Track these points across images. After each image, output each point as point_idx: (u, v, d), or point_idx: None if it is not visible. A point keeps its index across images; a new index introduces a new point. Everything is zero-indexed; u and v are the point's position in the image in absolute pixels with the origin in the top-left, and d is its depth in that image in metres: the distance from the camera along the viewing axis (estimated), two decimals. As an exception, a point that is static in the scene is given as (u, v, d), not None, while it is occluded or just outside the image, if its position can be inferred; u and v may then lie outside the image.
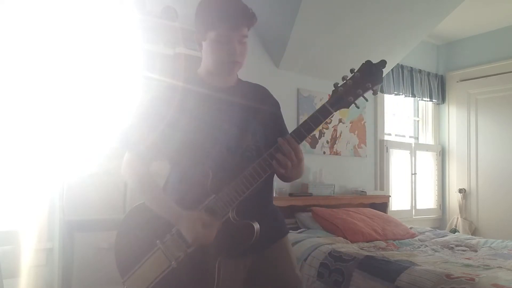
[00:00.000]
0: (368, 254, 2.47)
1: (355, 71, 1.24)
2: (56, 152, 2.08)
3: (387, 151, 4.15)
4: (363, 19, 3.15)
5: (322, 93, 3.58)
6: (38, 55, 2.18)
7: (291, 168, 1.22)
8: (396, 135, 4.48)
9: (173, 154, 1.36)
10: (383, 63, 1.25)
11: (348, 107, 1.27)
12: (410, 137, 4.67)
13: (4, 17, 2.12)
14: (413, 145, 4.48)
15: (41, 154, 2.20)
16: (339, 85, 1.25)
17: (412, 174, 4.41)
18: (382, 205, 3.80)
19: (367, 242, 2.93)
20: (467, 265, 2.30)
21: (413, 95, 4.38)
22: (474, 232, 4.28)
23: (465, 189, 4.43)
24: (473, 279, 1.91)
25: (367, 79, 1.23)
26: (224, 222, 1.23)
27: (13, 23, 2.14)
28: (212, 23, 1.26)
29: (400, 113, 4.57)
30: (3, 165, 2.15)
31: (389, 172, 4.18)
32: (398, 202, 4.26)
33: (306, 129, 1.23)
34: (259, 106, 1.38)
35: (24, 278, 2.09)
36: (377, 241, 2.96)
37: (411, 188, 4.40)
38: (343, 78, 1.25)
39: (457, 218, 4.42)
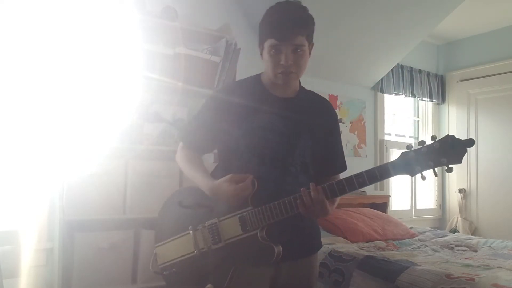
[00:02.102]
0: (368, 254, 2.47)
1: (435, 139, 1.11)
2: (56, 152, 2.08)
3: (387, 151, 4.15)
4: (363, 19, 3.15)
5: (322, 93, 3.54)
6: (38, 55, 2.18)
7: (314, 215, 1.21)
8: (396, 135, 4.48)
9: (221, 154, 1.45)
10: (470, 142, 1.10)
11: (411, 176, 1.17)
12: (410, 137, 4.67)
13: (4, 17, 2.12)
14: (413, 145, 4.47)
15: (41, 154, 2.20)
16: (412, 149, 1.14)
17: (412, 174, 4.41)
18: (382, 205, 3.79)
19: (367, 242, 2.93)
20: (467, 265, 2.30)
21: (413, 95, 4.38)
22: (474, 232, 4.28)
23: (465, 189, 4.43)
24: (473, 279, 1.91)
25: (444, 153, 1.10)
26: (251, 236, 1.25)
27: (13, 23, 2.14)
28: (265, 34, 1.30)
29: (400, 113, 4.57)
30: (3, 165, 2.15)
31: (389, 172, 4.17)
32: (398, 202, 4.26)
33: (341, 188, 1.21)
34: (313, 120, 1.37)
35: (24, 278, 2.09)
36: (377, 241, 2.96)
37: (411, 188, 4.40)
38: (420, 143, 1.14)
39: (457, 218, 4.41)
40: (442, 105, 4.73)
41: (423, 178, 1.13)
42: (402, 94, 4.27)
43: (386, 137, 4.24)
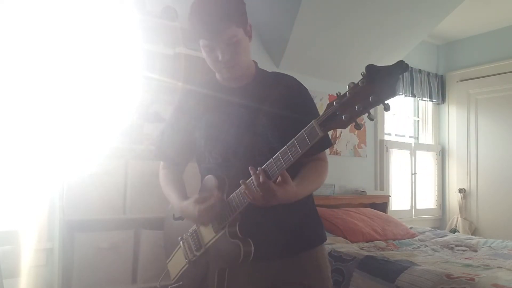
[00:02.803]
0: (368, 254, 2.47)
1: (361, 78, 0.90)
2: (56, 152, 2.08)
3: (387, 151, 4.15)
4: (363, 19, 3.15)
5: (322, 93, 3.59)
6: (38, 55, 2.18)
7: (264, 201, 1.06)
8: (396, 135, 4.48)
9: (197, 158, 1.38)
10: (398, 66, 0.86)
11: (343, 128, 0.95)
12: (410, 137, 4.67)
13: (4, 17, 2.12)
14: (413, 145, 4.48)
15: (41, 154, 2.20)
16: (335, 99, 0.94)
17: (412, 174, 4.41)
18: (382, 205, 3.80)
19: (367, 242, 2.93)
20: (467, 265, 2.31)
21: (413, 95, 4.38)
22: (474, 232, 4.28)
23: (465, 189, 4.43)
24: (473, 279, 1.91)
25: (371, 90, 0.88)
26: (221, 236, 1.20)
27: (13, 23, 2.14)
28: (195, 33, 1.21)
29: (400, 113, 4.57)
30: (3, 165, 2.15)
31: (389, 172, 4.18)
32: (398, 202, 4.26)
33: (280, 161, 1.03)
34: (272, 103, 1.24)
35: (24, 278, 2.09)
36: (377, 241, 2.96)
37: (411, 188, 4.40)
38: (349, 86, 0.93)
39: (457, 218, 4.41)
40: (442, 105, 4.73)
41: (356, 126, 0.93)
42: (402, 94, 4.27)
43: (386, 137, 4.24)
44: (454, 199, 4.52)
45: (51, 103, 2.17)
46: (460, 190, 4.44)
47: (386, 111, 0.90)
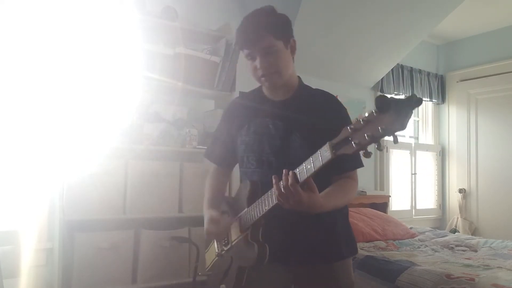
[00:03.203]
0: (368, 254, 2.47)
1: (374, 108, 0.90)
2: (56, 152, 2.08)
3: (387, 151, 4.15)
4: (363, 19, 3.15)
5: (322, 93, 3.58)
6: (38, 55, 2.18)
7: (291, 206, 1.11)
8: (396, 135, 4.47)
9: (238, 162, 1.50)
10: (411, 100, 0.85)
11: (350, 153, 0.96)
12: (410, 137, 4.67)
13: (4, 17, 2.12)
14: (413, 145, 4.48)
15: (41, 154, 2.20)
16: (351, 125, 0.95)
17: (412, 174, 4.41)
18: (382, 205, 3.79)
19: (367, 242, 2.93)
20: (467, 265, 2.31)
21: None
22: (474, 232, 4.28)
23: (465, 189, 4.43)
24: (473, 279, 1.91)
25: (381, 120, 0.89)
26: (244, 236, 1.29)
27: (13, 23, 2.14)
28: (238, 45, 1.35)
29: (400, 113, 4.56)
30: (3, 165, 2.15)
31: (389, 172, 4.18)
32: (398, 202, 4.26)
33: (302, 170, 1.09)
34: (308, 119, 1.31)
35: (24, 278, 2.09)
36: (377, 241, 2.96)
37: (411, 188, 4.40)
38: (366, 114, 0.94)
39: (457, 218, 4.41)
40: (442, 105, 4.73)
41: (366, 155, 0.95)
42: (402, 94, 4.26)
43: (386, 137, 4.23)
44: (454, 199, 4.52)
45: (51, 103, 2.17)
46: (460, 190, 4.44)
47: (394, 143, 0.92)
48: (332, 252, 1.36)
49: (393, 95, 4.20)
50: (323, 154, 1.02)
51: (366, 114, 0.92)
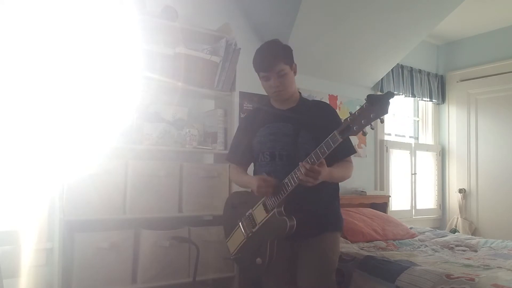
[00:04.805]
0: (368, 254, 2.47)
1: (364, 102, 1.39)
2: (56, 152, 2.08)
3: (387, 151, 4.15)
4: (363, 19, 3.15)
5: (322, 93, 3.59)
6: (38, 55, 2.18)
7: (315, 182, 1.57)
8: (396, 135, 4.48)
9: (254, 158, 1.92)
10: (388, 95, 1.34)
11: (355, 135, 1.44)
12: (410, 137, 4.67)
13: (4, 17, 2.12)
14: (413, 145, 4.48)
15: (41, 154, 2.20)
16: (349, 116, 1.44)
17: (412, 174, 4.41)
18: (382, 205, 3.80)
19: (367, 242, 2.93)
20: (467, 265, 2.30)
21: (413, 95, 4.38)
22: (474, 232, 4.28)
23: (465, 189, 4.43)
24: (473, 279, 1.91)
25: (371, 110, 1.36)
26: (272, 215, 1.70)
27: (13, 23, 2.14)
28: (256, 68, 1.80)
29: (400, 113, 4.57)
30: (3, 165, 2.15)
31: (389, 172, 4.17)
32: (398, 202, 4.26)
33: (317, 153, 1.55)
34: (311, 120, 1.77)
35: (24, 278, 2.09)
36: (377, 241, 2.96)
37: (411, 188, 4.40)
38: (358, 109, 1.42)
39: (457, 218, 4.42)
40: (442, 105, 4.73)
41: (363, 133, 1.41)
42: (402, 94, 4.27)
43: (386, 137, 4.24)
44: (454, 199, 4.52)
45: (51, 103, 2.17)
46: (460, 190, 4.44)
47: (381, 123, 1.44)
48: (324, 224, 1.80)
49: (393, 95, 4.21)
50: (333, 139, 1.48)
51: (358, 107, 1.40)
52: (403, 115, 4.63)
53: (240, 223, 1.84)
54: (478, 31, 4.37)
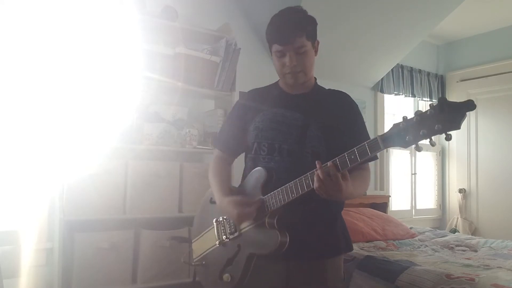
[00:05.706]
0: (368, 254, 2.47)
1: (429, 108, 1.02)
2: (56, 152, 2.08)
3: (387, 151, 4.15)
4: (363, 19, 3.15)
5: (322, 93, 3.58)
6: (38, 55, 2.18)
7: (330, 194, 1.15)
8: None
9: (245, 149, 1.52)
10: (470, 104, 0.95)
11: (405, 147, 1.05)
12: (410, 137, 4.66)
13: (4, 17, 2.12)
14: (413, 145, 4.47)
15: (41, 154, 2.20)
16: (401, 121, 1.05)
17: (412, 174, 4.41)
18: (382, 205, 3.79)
19: (367, 242, 2.93)
20: (467, 265, 2.30)
21: (413, 95, 4.37)
22: (474, 232, 4.28)
23: (465, 189, 4.43)
24: (473, 279, 1.91)
25: (438, 120, 0.99)
26: (260, 224, 1.30)
27: (13, 23, 2.14)
28: (270, 40, 1.39)
29: (400, 113, 4.57)
30: (3, 165, 2.15)
31: (389, 172, 4.18)
32: (398, 202, 4.26)
33: (344, 160, 1.13)
34: (325, 113, 1.41)
35: (24, 278, 2.09)
36: (377, 241, 2.96)
37: (411, 188, 4.40)
38: (415, 113, 1.04)
39: (457, 218, 4.41)
40: (442, 105, 4.72)
41: (418, 149, 1.03)
42: (402, 94, 4.27)
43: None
44: (454, 199, 4.52)
45: (51, 103, 2.17)
46: (460, 190, 4.44)
47: (447, 140, 1.01)
48: (331, 246, 1.41)
49: (392, 95, 4.20)
50: (372, 146, 1.07)
51: (419, 113, 1.01)
52: (403, 115, 4.61)
53: (215, 223, 1.46)
54: (478, 31, 4.37)
